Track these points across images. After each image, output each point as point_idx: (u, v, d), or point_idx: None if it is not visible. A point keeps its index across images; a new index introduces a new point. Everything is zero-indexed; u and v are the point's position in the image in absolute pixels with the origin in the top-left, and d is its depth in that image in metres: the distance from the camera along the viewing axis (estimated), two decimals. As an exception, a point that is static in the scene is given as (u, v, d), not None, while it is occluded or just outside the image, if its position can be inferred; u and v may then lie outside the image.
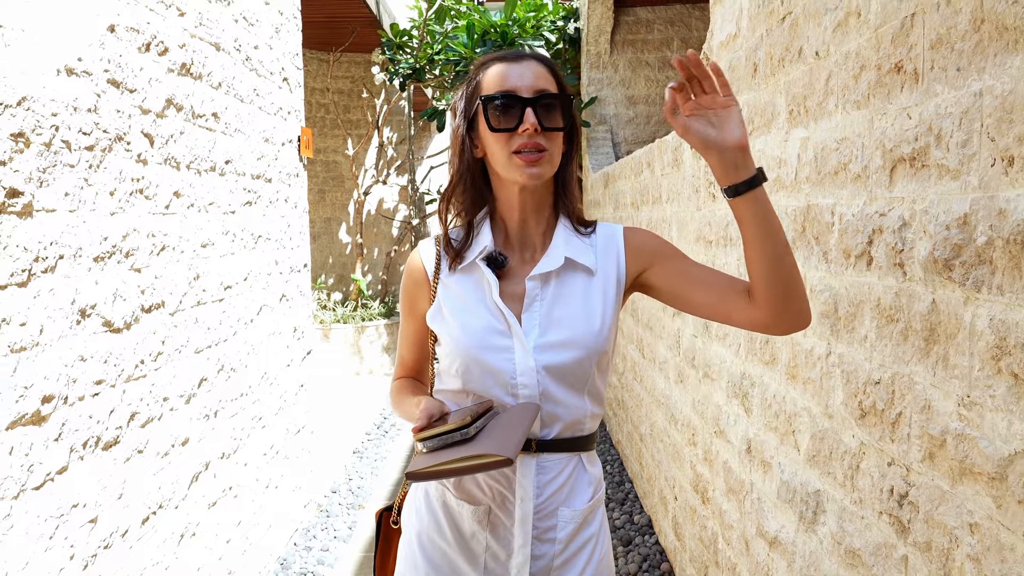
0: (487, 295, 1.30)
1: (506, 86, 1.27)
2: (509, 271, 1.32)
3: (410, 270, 1.39)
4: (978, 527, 1.15)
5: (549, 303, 1.29)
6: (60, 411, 1.82)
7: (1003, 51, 1.07)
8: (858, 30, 1.51)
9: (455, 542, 1.32)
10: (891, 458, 1.41)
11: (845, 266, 1.59)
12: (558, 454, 1.30)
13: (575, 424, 1.31)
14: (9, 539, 1.63)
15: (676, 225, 3.20)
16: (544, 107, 1.25)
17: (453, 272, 1.33)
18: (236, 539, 2.99)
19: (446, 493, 1.34)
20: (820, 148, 1.71)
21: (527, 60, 1.31)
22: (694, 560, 2.97)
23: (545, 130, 1.25)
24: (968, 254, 1.16)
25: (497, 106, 1.25)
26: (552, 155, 1.27)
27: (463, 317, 1.30)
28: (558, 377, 1.27)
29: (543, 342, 1.27)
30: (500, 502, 1.30)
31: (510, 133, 1.25)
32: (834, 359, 1.66)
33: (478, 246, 1.32)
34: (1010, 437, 1.07)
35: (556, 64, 1.37)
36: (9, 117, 1.65)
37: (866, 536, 1.52)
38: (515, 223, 1.34)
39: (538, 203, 1.34)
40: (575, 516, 1.31)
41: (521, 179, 1.26)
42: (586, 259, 1.32)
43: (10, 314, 1.64)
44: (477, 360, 1.27)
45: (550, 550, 1.30)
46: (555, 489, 1.30)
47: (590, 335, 1.28)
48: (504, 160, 1.26)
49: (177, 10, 2.51)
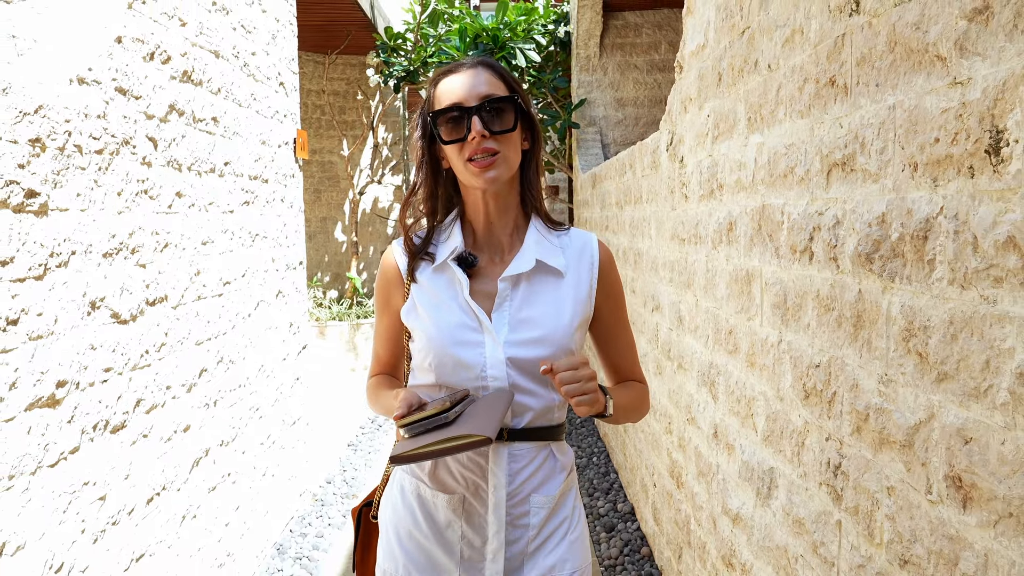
0: (459, 293, 1.35)
1: (452, 98, 1.31)
2: (479, 271, 1.37)
3: (384, 269, 1.45)
4: (893, 490, 1.31)
5: (519, 303, 1.34)
6: (73, 395, 1.97)
7: (910, 70, 1.23)
8: (801, 46, 1.67)
9: (431, 533, 1.36)
10: (828, 433, 1.56)
11: (792, 261, 1.74)
12: (529, 443, 1.35)
13: (545, 413, 1.36)
14: (28, 511, 1.78)
15: (655, 223, 3.35)
16: (491, 112, 1.29)
17: (424, 271, 1.39)
18: (234, 523, 3.13)
19: (420, 485, 1.38)
20: (772, 153, 1.86)
21: (472, 68, 1.34)
22: (670, 543, 3.12)
23: (494, 134, 1.29)
24: (885, 249, 1.31)
25: (445, 119, 1.31)
26: (506, 156, 1.31)
27: (436, 314, 1.35)
28: (525, 370, 1.32)
29: (512, 339, 1.32)
30: (474, 491, 1.34)
31: (461, 143, 1.30)
32: (784, 346, 1.81)
33: (449, 247, 1.37)
34: (916, 408, 1.22)
35: (503, 67, 1.40)
36: (27, 124, 1.79)
37: (809, 506, 1.67)
38: (481, 225, 1.39)
39: (503, 205, 1.38)
40: (547, 502, 1.36)
41: (478, 184, 1.31)
42: (556, 261, 1.37)
43: (28, 305, 1.79)
44: (449, 354, 1.32)
45: (524, 535, 1.35)
46: (527, 476, 1.34)
47: (558, 332, 1.34)
48: (461, 168, 1.32)
49: (179, 20, 2.66)
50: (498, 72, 1.36)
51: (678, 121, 2.85)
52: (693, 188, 2.65)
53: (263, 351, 3.56)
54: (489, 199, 1.37)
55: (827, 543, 1.57)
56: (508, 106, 1.31)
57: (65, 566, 1.92)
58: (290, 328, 4.04)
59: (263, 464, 3.54)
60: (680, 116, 2.82)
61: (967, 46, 1.07)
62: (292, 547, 3.67)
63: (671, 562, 3.11)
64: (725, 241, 2.27)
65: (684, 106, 2.76)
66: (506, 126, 1.30)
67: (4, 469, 1.70)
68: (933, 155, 1.16)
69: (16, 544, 1.73)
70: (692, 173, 2.66)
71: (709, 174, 2.43)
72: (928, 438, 1.19)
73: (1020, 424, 0.97)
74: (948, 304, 1.13)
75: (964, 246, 1.08)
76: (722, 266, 2.31)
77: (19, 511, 1.75)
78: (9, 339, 1.72)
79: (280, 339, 3.85)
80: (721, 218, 2.30)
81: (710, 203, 2.43)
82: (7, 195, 1.72)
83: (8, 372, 1.72)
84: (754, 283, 2.02)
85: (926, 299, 1.19)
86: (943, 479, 1.15)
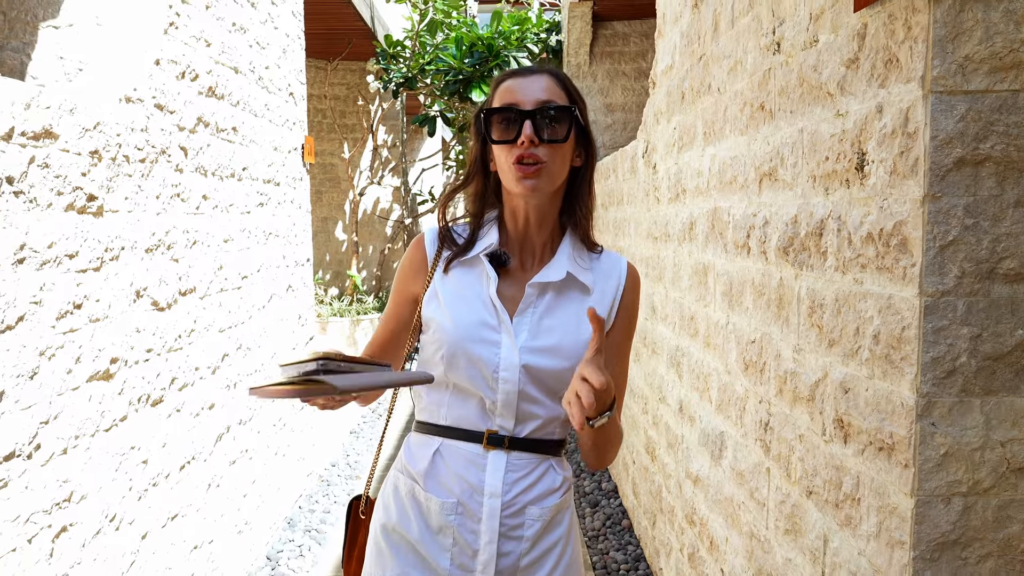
0: (484, 290, 1.32)
1: (509, 99, 1.28)
2: (508, 273, 1.35)
3: (412, 253, 1.42)
4: (804, 437, 1.63)
5: (542, 312, 1.32)
6: (122, 371, 2.28)
7: (812, 102, 1.55)
8: (741, 75, 1.99)
9: (422, 536, 1.33)
10: (760, 397, 1.89)
11: (735, 255, 2.07)
12: (529, 454, 1.33)
13: (547, 426, 1.34)
14: (89, 468, 2.10)
15: (633, 224, 3.68)
16: (545, 119, 1.26)
17: (453, 265, 1.36)
18: (251, 495, 3.45)
19: (415, 487, 1.35)
20: (722, 163, 2.19)
21: (536, 74, 1.31)
22: (646, 512, 3.45)
23: (544, 142, 1.25)
24: (796, 243, 1.64)
25: (498, 119, 1.27)
26: (551, 168, 1.27)
27: (457, 307, 1.32)
28: (538, 380, 1.30)
29: (531, 345, 1.30)
30: (469, 497, 1.31)
31: (510, 145, 1.26)
32: (731, 327, 2.14)
33: (483, 244, 1.35)
34: (816, 369, 1.55)
35: (567, 77, 1.36)
36: (89, 138, 2.11)
37: (748, 460, 1.99)
38: (518, 230, 1.36)
39: (541, 215, 1.35)
40: (543, 514, 1.33)
41: (518, 191, 1.28)
42: (585, 277, 1.35)
43: (89, 292, 2.11)
44: (464, 349, 1.29)
45: (517, 548, 1.31)
46: (524, 487, 1.32)
47: (576, 348, 1.30)
48: (506, 170, 1.28)
49: (205, 42, 2.98)
50: (562, 82, 1.33)
51: (652, 131, 3.18)
52: (664, 192, 2.97)
53: (275, 340, 3.88)
54: (530, 207, 1.33)
55: (760, 488, 1.89)
56: (564, 116, 1.28)
57: (117, 517, 2.24)
58: (298, 320, 4.36)
59: (275, 444, 3.85)
60: (653, 127, 3.14)
61: (845, 87, 1.40)
62: (302, 521, 3.99)
63: (647, 530, 3.43)
64: (687, 239, 2.60)
65: (656, 118, 3.08)
66: (558, 136, 1.27)
67: (71, 430, 2.02)
68: (825, 170, 1.48)
69: (81, 494, 2.05)
70: (663, 178, 2.98)
71: (676, 180, 2.76)
72: (823, 392, 1.51)
73: (877, 375, 1.30)
74: (835, 286, 1.45)
75: (844, 240, 1.41)
76: (685, 260, 2.64)
77: (82, 467, 2.07)
78: (75, 320, 2.04)
79: (290, 330, 4.17)
80: (684, 219, 2.63)
81: (676, 205, 2.75)
82: (73, 199, 2.04)
83: (74, 348, 2.03)
84: (709, 274, 2.35)
85: (822, 283, 1.51)
86: (832, 422, 1.47)
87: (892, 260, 1.24)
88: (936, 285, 1.15)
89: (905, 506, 1.20)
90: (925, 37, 1.13)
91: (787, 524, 1.71)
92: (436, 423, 1.36)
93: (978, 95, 1.12)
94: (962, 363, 1.15)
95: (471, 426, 1.33)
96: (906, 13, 1.18)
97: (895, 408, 1.23)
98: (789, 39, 1.66)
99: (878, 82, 1.27)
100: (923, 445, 1.17)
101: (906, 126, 1.19)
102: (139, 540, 2.37)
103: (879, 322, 1.28)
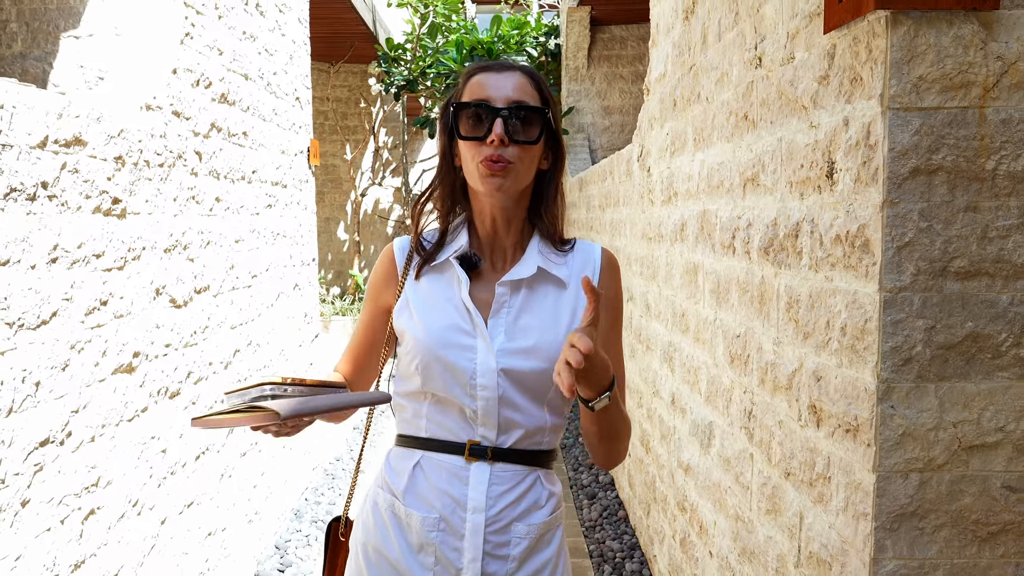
0: (456, 294, 1.29)
1: (481, 95, 1.24)
2: (480, 275, 1.31)
3: (381, 263, 1.38)
4: (783, 423, 1.76)
5: (517, 311, 1.28)
6: (144, 365, 2.41)
7: (789, 114, 1.68)
8: (727, 86, 2.12)
9: (403, 554, 1.28)
10: (745, 388, 2.02)
11: (722, 254, 2.20)
12: (515, 466, 1.27)
13: (534, 434, 1.28)
14: (114, 455, 2.23)
15: (629, 225, 3.81)
16: (518, 119, 1.22)
17: (424, 271, 1.32)
18: (260, 486, 3.58)
19: (395, 503, 1.30)
20: (710, 168, 2.32)
21: (510, 71, 1.27)
22: (641, 502, 3.58)
23: (514, 142, 1.22)
24: (776, 244, 1.77)
25: (469, 114, 1.23)
26: (518, 169, 1.23)
27: (429, 314, 1.28)
28: (518, 383, 1.25)
29: (508, 347, 1.25)
30: (451, 512, 1.25)
31: (479, 142, 1.22)
32: (718, 323, 2.27)
33: (453, 247, 1.32)
34: (793, 360, 1.68)
35: (541, 77, 1.31)
36: (114, 145, 2.24)
37: (734, 447, 2.13)
38: (486, 231, 1.32)
39: (508, 216, 1.31)
40: (530, 532, 1.27)
41: (483, 189, 1.24)
42: (559, 271, 1.30)
43: (114, 289, 2.24)
44: (438, 357, 1.24)
45: (503, 568, 1.26)
46: (510, 502, 1.26)
47: (555, 346, 1.25)
48: (471, 168, 1.24)
49: (218, 51, 3.11)
50: (536, 81, 1.29)
51: (646, 136, 3.31)
52: (657, 194, 3.10)
53: (283, 337, 4.01)
54: (495, 208, 1.30)
55: (744, 472, 2.03)
56: (536, 118, 1.24)
57: (139, 503, 2.37)
58: (304, 318, 4.49)
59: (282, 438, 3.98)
60: (648, 132, 3.28)
61: (817, 101, 1.53)
62: (308, 512, 4.13)
63: (642, 520, 3.56)
64: (679, 239, 2.73)
65: (650, 124, 3.21)
66: (529, 137, 1.23)
67: (99, 419, 2.15)
68: (800, 176, 1.62)
69: (107, 480, 2.18)
70: (656, 181, 3.12)
71: (668, 183, 2.89)
72: (799, 381, 1.64)
73: (844, 363, 1.43)
74: (809, 283, 1.58)
75: (816, 241, 1.54)
76: (677, 260, 2.77)
77: (108, 454, 2.20)
78: (102, 316, 2.17)
79: (296, 327, 4.30)
80: (676, 220, 2.76)
81: (669, 208, 2.88)
82: (100, 202, 2.17)
83: (100, 343, 2.16)
84: (699, 273, 2.48)
85: (798, 280, 1.64)
86: (807, 408, 1.60)
87: (857, 259, 1.37)
88: (894, 282, 1.28)
89: (868, 481, 1.33)
90: (884, 59, 1.26)
91: (768, 504, 1.84)
92: (416, 435, 1.31)
93: (931, 111, 1.25)
94: (918, 352, 1.29)
95: (452, 437, 1.28)
96: (868, 36, 1.31)
97: (859, 393, 1.36)
98: (769, 55, 1.79)
99: (845, 98, 1.40)
100: (883, 426, 1.30)
101: (868, 138, 1.32)
102: (159, 525, 2.50)
103: (846, 315, 1.41)
